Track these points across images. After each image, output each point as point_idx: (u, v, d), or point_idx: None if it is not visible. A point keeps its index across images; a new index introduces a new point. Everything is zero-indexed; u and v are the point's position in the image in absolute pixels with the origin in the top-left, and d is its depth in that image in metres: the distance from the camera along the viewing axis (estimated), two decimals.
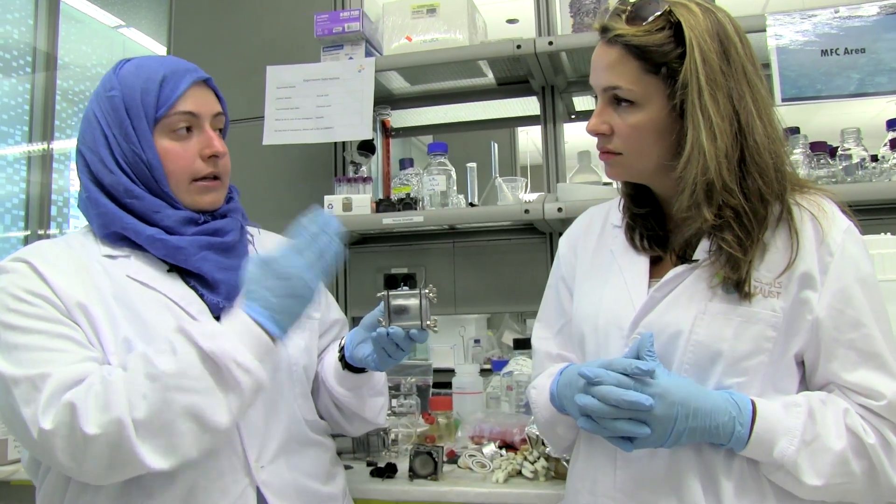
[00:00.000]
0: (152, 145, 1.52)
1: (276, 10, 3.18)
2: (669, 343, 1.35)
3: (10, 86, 3.85)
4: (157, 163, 1.52)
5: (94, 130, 1.53)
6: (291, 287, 1.39)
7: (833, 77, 2.21)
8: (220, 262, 1.56)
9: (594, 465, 1.44)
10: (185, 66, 1.58)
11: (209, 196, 1.58)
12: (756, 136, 1.32)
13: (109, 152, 1.52)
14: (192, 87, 1.56)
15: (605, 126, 1.41)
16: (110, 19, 4.62)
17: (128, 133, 1.51)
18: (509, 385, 2.42)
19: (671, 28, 1.34)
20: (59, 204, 4.05)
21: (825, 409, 1.29)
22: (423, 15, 2.67)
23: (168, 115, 1.52)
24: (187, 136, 1.55)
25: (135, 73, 1.55)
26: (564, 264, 1.64)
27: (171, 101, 1.52)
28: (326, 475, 1.66)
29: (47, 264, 1.42)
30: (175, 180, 1.54)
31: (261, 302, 1.38)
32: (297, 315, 1.42)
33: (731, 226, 1.31)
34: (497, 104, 3.09)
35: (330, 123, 2.60)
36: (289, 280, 1.38)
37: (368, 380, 1.71)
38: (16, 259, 1.44)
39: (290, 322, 1.41)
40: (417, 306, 1.50)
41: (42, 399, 1.27)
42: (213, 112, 1.59)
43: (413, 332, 1.50)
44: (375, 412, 1.78)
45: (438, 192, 2.56)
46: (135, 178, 1.52)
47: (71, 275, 1.43)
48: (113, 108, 1.52)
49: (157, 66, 1.56)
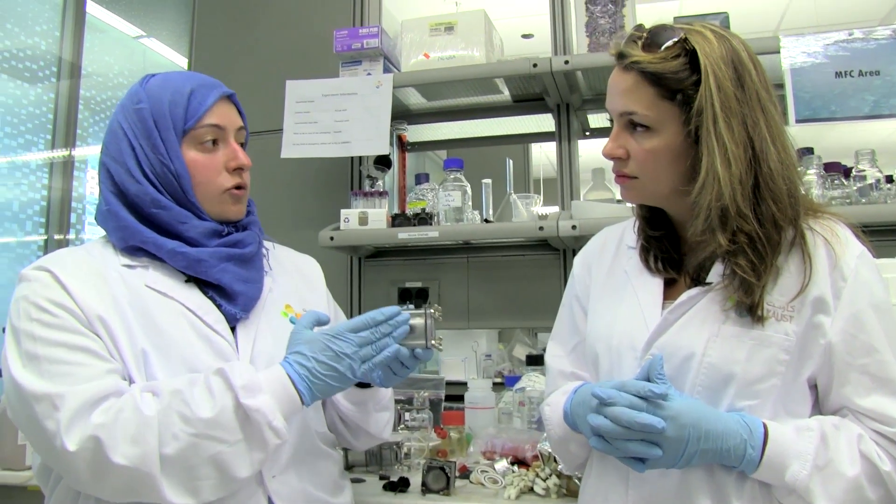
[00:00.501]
0: (180, 156, 1.54)
1: (296, 25, 3.21)
2: (682, 365, 1.36)
3: (36, 94, 3.89)
4: (185, 173, 1.54)
5: (121, 142, 1.55)
6: (339, 368, 1.43)
7: (847, 98, 2.21)
8: (239, 273, 1.58)
9: (606, 484, 1.45)
10: (211, 81, 1.61)
11: (237, 206, 1.61)
12: (770, 163, 1.33)
13: (136, 163, 1.53)
14: (219, 102, 1.59)
15: (621, 150, 1.42)
16: (132, 30, 4.66)
17: (156, 144, 1.53)
18: (521, 401, 2.43)
19: (686, 55, 1.35)
20: (79, 211, 4.09)
21: (838, 434, 1.29)
22: (440, 32, 2.69)
23: (196, 127, 1.55)
24: (213, 148, 1.58)
25: (162, 86, 1.57)
26: (579, 283, 1.65)
27: (200, 113, 1.55)
28: (335, 487, 1.67)
29: (68, 274, 1.43)
30: (202, 191, 1.56)
31: (307, 369, 1.42)
32: (331, 393, 1.49)
33: (745, 251, 1.31)
34: (512, 121, 3.10)
35: (347, 138, 2.62)
36: (339, 362, 1.43)
37: (374, 395, 1.72)
38: (37, 268, 1.46)
39: (322, 396, 1.47)
40: (423, 326, 1.51)
41: (64, 417, 1.28)
42: (237, 126, 1.62)
43: (418, 351, 1.51)
44: (380, 427, 1.79)
45: (453, 207, 2.57)
46: (161, 189, 1.54)
47: (90, 285, 1.44)
48: (140, 119, 1.54)
49: (184, 80, 1.59)
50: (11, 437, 2.32)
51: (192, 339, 1.48)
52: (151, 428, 1.29)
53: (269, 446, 1.36)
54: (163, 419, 1.31)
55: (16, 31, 3.82)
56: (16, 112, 3.79)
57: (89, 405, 1.30)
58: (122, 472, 1.28)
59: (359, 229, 2.57)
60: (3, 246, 3.79)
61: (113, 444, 1.27)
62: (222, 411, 1.33)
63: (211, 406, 1.33)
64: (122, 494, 1.32)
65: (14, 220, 3.79)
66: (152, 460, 1.28)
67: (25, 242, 3.87)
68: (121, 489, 1.30)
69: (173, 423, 1.31)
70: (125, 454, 1.27)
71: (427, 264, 2.93)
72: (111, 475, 1.28)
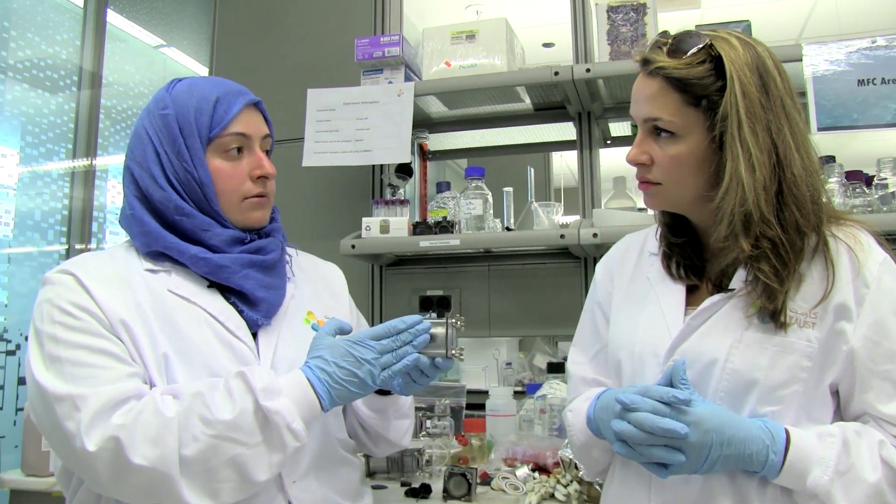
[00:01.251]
0: (204, 164, 1.54)
1: (317, 33, 3.23)
2: (705, 371, 1.36)
3: (57, 104, 3.92)
4: (209, 181, 1.55)
5: (146, 147, 1.55)
6: (359, 374, 1.44)
7: (870, 107, 2.20)
8: (261, 280, 1.58)
9: (629, 490, 1.45)
10: (238, 89, 1.61)
11: (258, 213, 1.61)
12: (794, 169, 1.33)
13: (161, 169, 1.54)
14: (244, 110, 1.59)
15: (645, 156, 1.43)
16: (153, 39, 4.69)
17: (180, 151, 1.53)
18: (542, 408, 2.43)
19: (712, 61, 1.36)
20: (100, 220, 4.12)
21: (860, 441, 1.29)
22: (462, 41, 2.70)
23: (221, 135, 1.56)
24: (238, 156, 1.58)
25: (188, 92, 1.57)
26: (601, 290, 1.66)
27: (225, 121, 1.55)
28: (355, 494, 1.68)
29: (91, 278, 1.44)
30: (225, 199, 1.57)
31: (327, 374, 1.43)
32: (350, 399, 1.48)
33: (767, 256, 1.32)
34: (533, 129, 3.10)
35: (369, 146, 2.63)
36: (360, 367, 1.44)
37: (394, 402, 1.73)
38: (61, 271, 1.46)
39: (342, 402, 1.47)
40: (444, 335, 1.51)
41: (84, 419, 1.29)
42: (263, 134, 1.63)
43: (438, 361, 1.51)
44: (400, 434, 1.79)
45: (475, 215, 2.57)
46: (185, 196, 1.54)
47: (114, 288, 1.45)
48: (166, 125, 1.55)
49: (211, 87, 1.59)
50: (36, 443, 2.34)
51: (214, 345, 1.49)
52: (171, 429, 1.30)
53: (287, 448, 1.37)
54: (182, 421, 1.32)
55: (36, 40, 3.85)
56: (37, 121, 3.82)
57: (110, 407, 1.31)
58: (141, 473, 1.28)
59: (380, 237, 2.58)
60: (25, 256, 3.81)
61: (132, 445, 1.28)
62: (242, 413, 1.34)
63: (231, 408, 1.34)
64: (141, 496, 1.33)
65: (36, 230, 3.82)
66: (172, 461, 1.29)
67: (47, 252, 3.89)
68: (140, 490, 1.31)
69: (193, 425, 1.31)
70: (145, 455, 1.28)
71: (448, 273, 2.94)
72: (131, 476, 1.29)
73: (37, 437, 2.33)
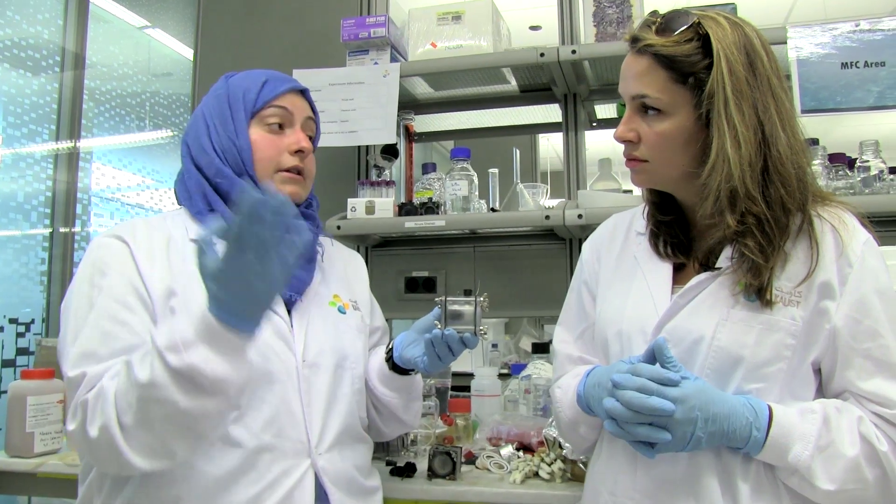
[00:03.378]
0: (245, 133, 1.66)
1: (302, 14, 3.21)
2: (692, 348, 1.38)
3: (39, 85, 3.89)
4: (248, 148, 1.65)
5: (199, 123, 1.69)
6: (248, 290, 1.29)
7: (853, 89, 2.21)
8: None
9: (615, 466, 1.46)
10: (287, 77, 1.76)
11: (291, 187, 1.68)
12: (779, 147, 1.35)
13: (208, 139, 1.66)
14: (290, 93, 1.72)
15: (632, 133, 1.44)
16: (137, 20, 4.66)
17: (226, 122, 1.66)
18: (527, 388, 2.45)
19: (699, 40, 1.37)
20: (84, 202, 4.10)
21: (840, 417, 1.31)
22: (448, 21, 2.69)
23: (264, 107, 1.68)
24: (280, 131, 1.70)
25: (243, 77, 1.73)
26: (588, 269, 1.67)
27: (270, 98, 1.68)
28: (368, 471, 1.74)
29: (140, 248, 1.53)
30: (262, 167, 1.65)
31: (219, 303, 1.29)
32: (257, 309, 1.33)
33: (753, 233, 1.33)
34: (519, 111, 3.10)
35: (354, 127, 2.62)
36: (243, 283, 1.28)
37: (412, 382, 1.80)
38: (112, 236, 1.56)
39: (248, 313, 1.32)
40: (472, 312, 1.59)
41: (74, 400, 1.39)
42: (305, 115, 1.75)
43: (466, 336, 1.58)
44: (413, 415, 1.87)
45: (460, 196, 2.57)
46: (225, 161, 1.65)
47: (158, 259, 1.54)
48: (218, 103, 1.69)
49: (263, 73, 1.73)
50: (20, 425, 2.33)
51: None
52: (108, 401, 1.33)
53: (211, 396, 1.31)
54: (119, 390, 1.33)
55: (17, 19, 3.82)
56: (19, 102, 3.79)
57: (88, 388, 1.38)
58: (98, 446, 1.34)
59: (366, 218, 2.58)
60: (8, 238, 3.80)
61: (91, 419, 1.34)
62: (158, 374, 1.27)
63: (150, 371, 1.28)
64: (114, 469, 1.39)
65: (19, 211, 3.80)
66: (113, 430, 1.31)
67: (30, 234, 3.88)
68: (108, 464, 1.38)
69: (127, 391, 1.31)
70: (96, 426, 1.33)
71: (434, 254, 2.93)
72: (93, 450, 1.36)
73: (21, 418, 2.33)
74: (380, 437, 1.89)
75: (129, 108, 4.44)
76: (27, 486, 2.39)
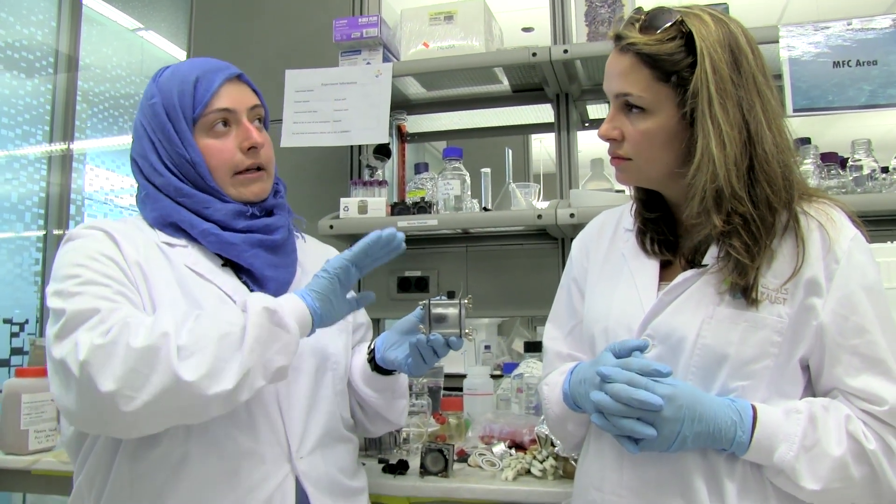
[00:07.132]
0: (193, 144, 1.59)
1: (295, 14, 3.21)
2: (677, 346, 1.38)
3: (33, 86, 3.89)
4: (201, 160, 1.59)
5: (142, 139, 1.61)
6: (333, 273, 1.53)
7: (845, 88, 2.21)
8: (269, 259, 1.62)
9: (603, 463, 1.46)
10: (217, 65, 1.65)
11: (253, 187, 1.65)
12: (765, 146, 1.34)
13: (157, 156, 1.59)
14: (225, 85, 1.63)
15: (616, 132, 1.44)
16: (130, 22, 4.66)
17: (170, 136, 1.58)
18: (519, 387, 2.45)
19: (683, 38, 1.37)
20: (78, 203, 4.10)
21: (827, 416, 1.31)
22: (440, 22, 2.70)
23: (204, 113, 1.59)
24: (226, 131, 1.62)
25: (171, 78, 1.62)
26: (577, 266, 1.67)
27: (206, 99, 1.59)
28: (354, 471, 1.72)
29: (120, 235, 1.50)
30: (219, 175, 1.61)
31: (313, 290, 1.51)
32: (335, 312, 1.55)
33: (739, 232, 1.33)
34: (512, 111, 3.11)
35: (347, 127, 2.62)
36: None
37: (396, 382, 1.77)
38: (90, 227, 1.51)
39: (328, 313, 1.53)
40: (456, 315, 1.56)
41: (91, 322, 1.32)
42: (249, 105, 1.66)
43: (452, 340, 1.56)
44: (398, 413, 1.84)
45: (453, 196, 2.58)
46: (182, 178, 1.59)
47: (140, 250, 1.51)
48: (154, 114, 1.60)
49: (190, 68, 1.63)
50: (14, 422, 2.34)
51: None
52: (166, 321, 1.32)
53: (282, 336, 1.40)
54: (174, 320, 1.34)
55: (10, 20, 3.82)
56: (13, 103, 3.79)
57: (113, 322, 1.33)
58: (144, 356, 1.27)
59: (358, 218, 2.58)
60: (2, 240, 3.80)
61: (136, 332, 1.29)
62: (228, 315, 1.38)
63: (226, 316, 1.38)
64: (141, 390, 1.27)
65: (13, 213, 3.80)
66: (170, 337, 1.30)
67: (24, 236, 3.88)
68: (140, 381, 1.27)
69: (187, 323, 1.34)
70: (146, 336, 1.29)
71: (426, 254, 2.94)
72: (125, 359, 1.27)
73: (16, 415, 2.34)
74: (367, 434, 1.89)
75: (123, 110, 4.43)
76: (22, 483, 2.40)
